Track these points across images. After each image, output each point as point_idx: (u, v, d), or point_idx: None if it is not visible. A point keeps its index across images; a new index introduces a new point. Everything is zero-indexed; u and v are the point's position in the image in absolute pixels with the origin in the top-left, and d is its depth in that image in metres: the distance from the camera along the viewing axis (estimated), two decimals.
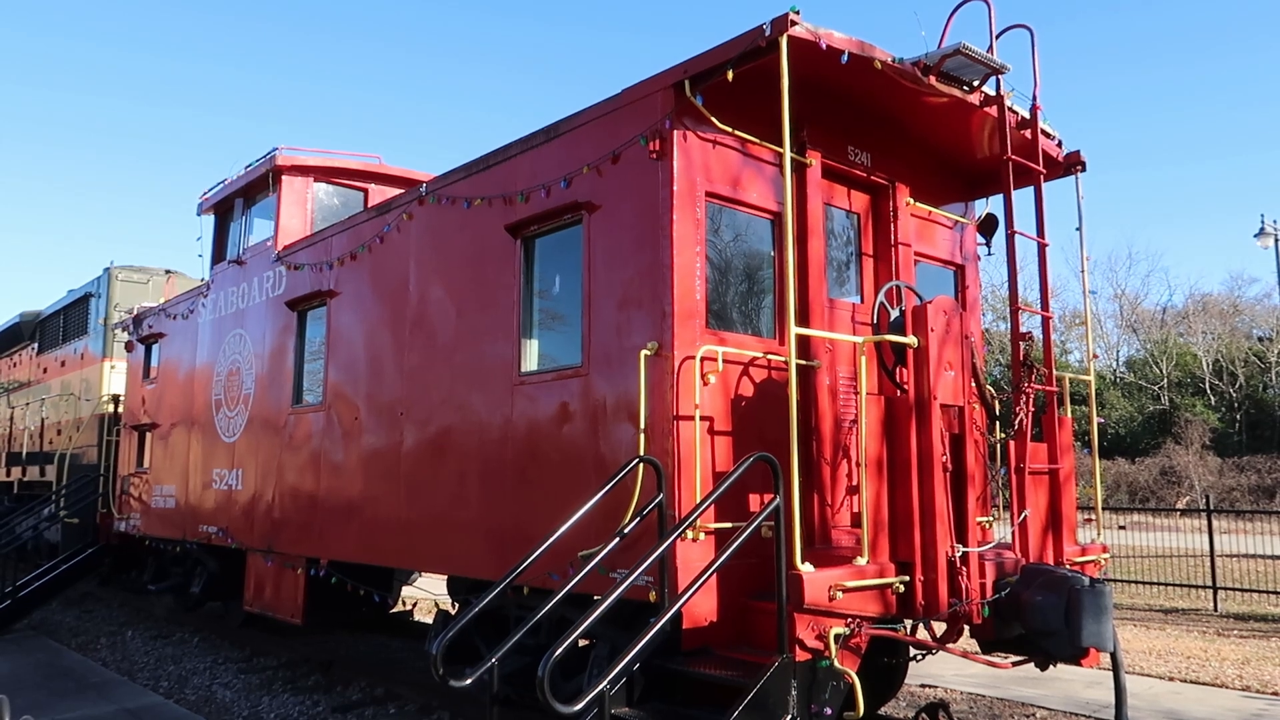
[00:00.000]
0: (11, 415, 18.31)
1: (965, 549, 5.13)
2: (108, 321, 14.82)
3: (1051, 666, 5.73)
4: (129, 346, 12.97)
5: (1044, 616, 5.10)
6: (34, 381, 17.89)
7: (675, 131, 5.34)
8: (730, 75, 5.09)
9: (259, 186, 9.85)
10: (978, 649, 5.67)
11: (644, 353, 5.25)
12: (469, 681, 4.43)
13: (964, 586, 5.08)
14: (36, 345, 18.16)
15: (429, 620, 11.40)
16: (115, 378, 14.33)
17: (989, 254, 7.56)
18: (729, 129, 5.55)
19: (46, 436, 16.29)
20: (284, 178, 9.48)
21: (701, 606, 4.98)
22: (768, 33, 4.91)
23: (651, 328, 5.32)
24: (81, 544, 13.13)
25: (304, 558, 8.40)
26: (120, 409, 13.42)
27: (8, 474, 17.50)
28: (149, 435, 11.89)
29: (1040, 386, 5.93)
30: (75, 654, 10.28)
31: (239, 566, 9.66)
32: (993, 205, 7.51)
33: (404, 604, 12.25)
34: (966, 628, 5.30)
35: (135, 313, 12.80)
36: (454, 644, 4.65)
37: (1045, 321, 6.38)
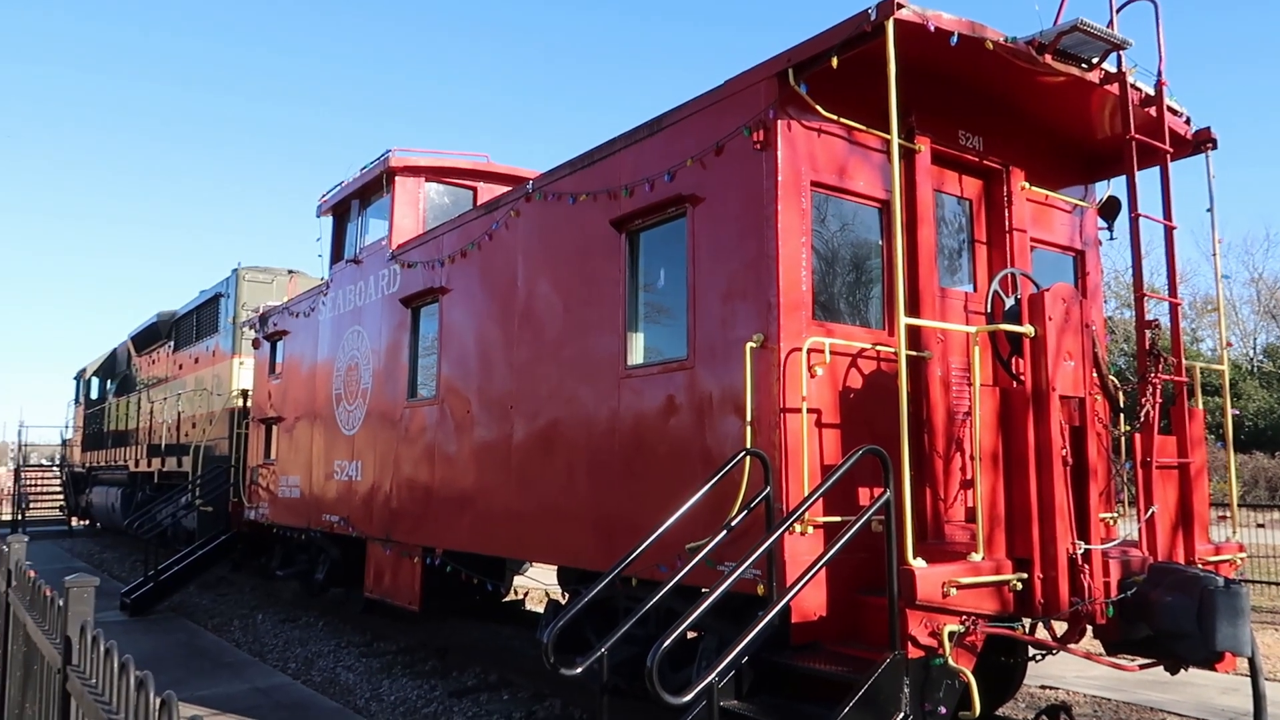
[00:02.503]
0: (151, 410, 19.44)
1: (1087, 546, 4.94)
2: (236, 320, 15.58)
3: (1183, 670, 5.46)
4: (256, 344, 13.62)
5: (1174, 618, 4.86)
6: (170, 377, 18.97)
7: (779, 121, 5.28)
8: (835, 62, 5.01)
9: (374, 188, 10.19)
10: (1101, 650, 5.44)
11: (750, 345, 5.22)
12: (579, 670, 4.50)
13: (1086, 585, 4.89)
14: (173, 343, 19.24)
15: (540, 609, 11.62)
16: (244, 373, 15.07)
17: (1111, 238, 7.24)
18: (834, 117, 5.46)
19: (182, 429, 17.24)
20: (397, 179, 9.78)
21: (810, 600, 4.93)
22: (873, 17, 4.81)
23: (757, 320, 5.29)
24: (215, 531, 13.88)
25: (420, 546, 8.67)
26: (248, 403, 14.11)
27: (149, 465, 18.60)
28: (275, 428, 12.46)
29: (1168, 377, 5.65)
30: (211, 635, 10.88)
31: (359, 554, 10.05)
32: (1115, 187, 7.18)
33: (516, 593, 12.52)
34: (1089, 628, 5.11)
35: (261, 311, 13.41)
36: (564, 633, 4.74)
37: (1173, 308, 6.08)
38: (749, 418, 5.18)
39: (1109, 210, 7.19)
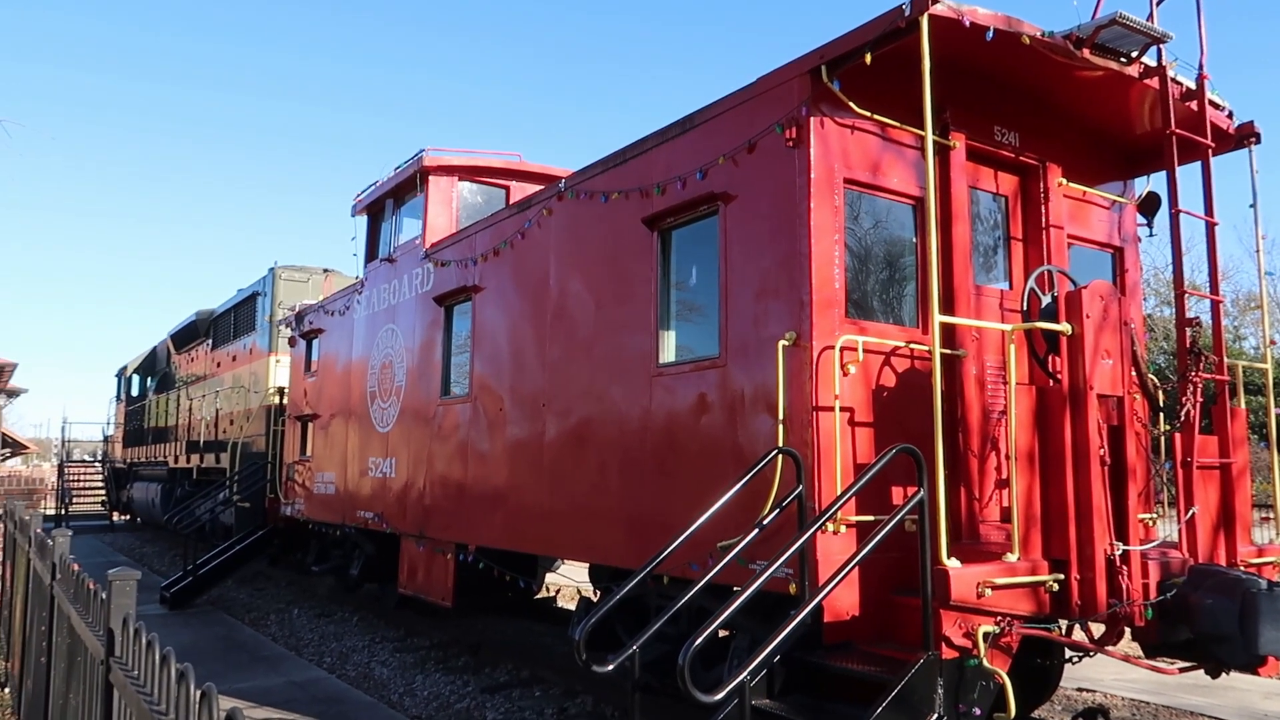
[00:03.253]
0: (190, 406, 19.74)
1: (1126, 547, 4.87)
2: (273, 318, 15.79)
3: (1224, 674, 5.36)
4: (292, 342, 13.77)
5: (1215, 620, 4.78)
6: (209, 375, 19.26)
7: (812, 118, 5.26)
8: (868, 58, 4.98)
9: (408, 187, 10.27)
10: (1140, 653, 5.37)
11: (782, 343, 5.20)
12: (611, 668, 4.51)
13: (1124, 586, 4.81)
14: (211, 341, 19.53)
15: (572, 606, 11.67)
16: (280, 371, 15.25)
17: (1151, 235, 7.13)
18: (868, 113, 5.42)
19: (220, 426, 17.49)
20: (430, 178, 9.85)
21: (843, 600, 4.91)
22: (907, 12, 4.77)
23: (789, 318, 5.27)
24: (252, 526, 14.06)
25: (453, 543, 8.73)
26: (285, 400, 14.28)
27: (188, 461, 18.88)
28: (310, 425, 12.61)
29: (1209, 375, 5.55)
30: (248, 629, 11.03)
31: (393, 550, 10.14)
32: (1154, 183, 7.07)
33: (548, 590, 12.57)
34: (1128, 630, 5.03)
35: (297, 310, 13.56)
36: (596, 630, 4.75)
37: (1215, 306, 5.98)
38: (781, 416, 5.16)
39: (1149, 206, 7.08)
